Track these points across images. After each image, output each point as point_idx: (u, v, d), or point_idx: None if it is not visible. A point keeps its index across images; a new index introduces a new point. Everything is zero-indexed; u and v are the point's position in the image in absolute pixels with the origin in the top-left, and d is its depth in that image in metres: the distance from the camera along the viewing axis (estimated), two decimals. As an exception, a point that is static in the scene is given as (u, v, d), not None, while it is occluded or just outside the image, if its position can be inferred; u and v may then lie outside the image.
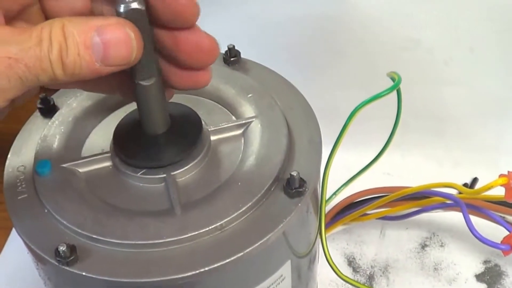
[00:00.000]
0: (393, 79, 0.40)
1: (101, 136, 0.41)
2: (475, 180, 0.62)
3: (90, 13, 0.34)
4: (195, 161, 0.38)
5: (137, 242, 0.33)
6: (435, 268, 0.56)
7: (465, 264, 0.56)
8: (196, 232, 0.34)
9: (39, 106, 0.43)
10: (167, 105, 0.37)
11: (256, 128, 0.40)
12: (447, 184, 0.43)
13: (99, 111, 0.42)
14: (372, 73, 0.55)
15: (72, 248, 0.33)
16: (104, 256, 0.34)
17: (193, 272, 0.32)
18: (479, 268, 0.56)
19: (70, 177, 0.38)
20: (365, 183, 0.54)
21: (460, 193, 0.45)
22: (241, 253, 0.33)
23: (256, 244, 0.33)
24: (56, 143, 0.40)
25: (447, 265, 0.56)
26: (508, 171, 0.38)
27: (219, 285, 0.35)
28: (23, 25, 0.33)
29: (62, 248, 0.33)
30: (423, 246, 0.58)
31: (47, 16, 0.34)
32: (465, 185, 0.62)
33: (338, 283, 0.54)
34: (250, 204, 0.35)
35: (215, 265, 0.33)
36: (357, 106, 0.38)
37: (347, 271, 0.56)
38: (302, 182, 0.35)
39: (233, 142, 0.40)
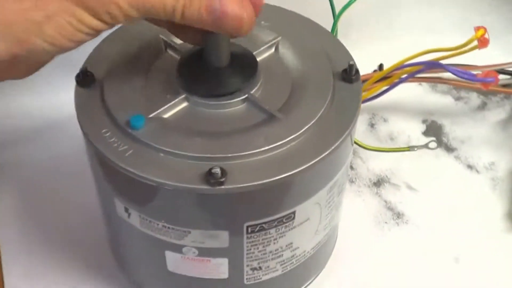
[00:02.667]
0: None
1: (153, 88, 0.44)
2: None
3: None
4: (260, 79, 0.43)
5: (271, 146, 0.39)
6: (390, 138, 0.67)
7: (410, 128, 0.68)
8: (308, 125, 0.40)
9: (79, 79, 0.44)
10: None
11: (285, 44, 0.46)
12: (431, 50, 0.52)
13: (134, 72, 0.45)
14: None
15: (222, 170, 0.37)
16: (247, 167, 0.38)
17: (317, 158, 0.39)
18: (422, 127, 0.69)
19: (162, 122, 0.41)
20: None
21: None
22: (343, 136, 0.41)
23: (349, 128, 0.41)
24: (125, 102, 0.42)
25: (398, 133, 0.68)
26: (479, 26, 0.49)
27: (307, 182, 0.41)
28: None
29: (215, 170, 0.37)
30: (372, 125, 0.69)
31: None
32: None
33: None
34: (329, 98, 0.42)
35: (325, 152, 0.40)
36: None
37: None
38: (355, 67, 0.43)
39: (273, 59, 0.46)
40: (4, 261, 0.56)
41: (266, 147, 0.39)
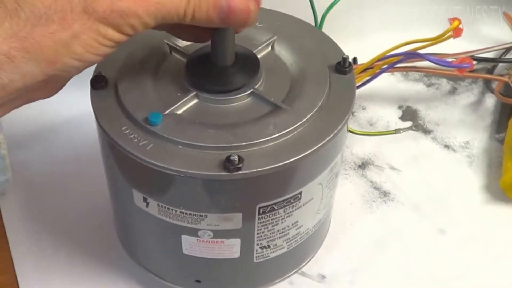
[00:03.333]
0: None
1: (163, 87, 0.47)
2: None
3: None
4: (262, 75, 0.47)
5: (280, 134, 0.43)
6: (370, 124, 0.72)
7: (388, 114, 0.74)
8: (311, 113, 0.45)
9: (94, 82, 0.48)
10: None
11: (280, 42, 0.50)
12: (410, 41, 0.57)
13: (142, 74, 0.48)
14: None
15: (239, 157, 0.41)
16: (260, 153, 0.43)
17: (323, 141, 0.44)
18: (398, 113, 0.74)
19: (177, 118, 0.44)
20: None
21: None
22: (343, 122, 0.45)
23: (347, 115, 0.46)
24: (140, 101, 0.46)
25: (376, 119, 0.73)
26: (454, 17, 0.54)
27: (310, 166, 0.46)
28: None
29: (233, 157, 0.42)
30: (352, 113, 0.73)
31: None
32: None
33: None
34: (327, 88, 0.47)
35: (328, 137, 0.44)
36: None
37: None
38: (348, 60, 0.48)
39: (271, 56, 0.50)
40: (15, 259, 0.59)
41: (276, 135, 0.43)
